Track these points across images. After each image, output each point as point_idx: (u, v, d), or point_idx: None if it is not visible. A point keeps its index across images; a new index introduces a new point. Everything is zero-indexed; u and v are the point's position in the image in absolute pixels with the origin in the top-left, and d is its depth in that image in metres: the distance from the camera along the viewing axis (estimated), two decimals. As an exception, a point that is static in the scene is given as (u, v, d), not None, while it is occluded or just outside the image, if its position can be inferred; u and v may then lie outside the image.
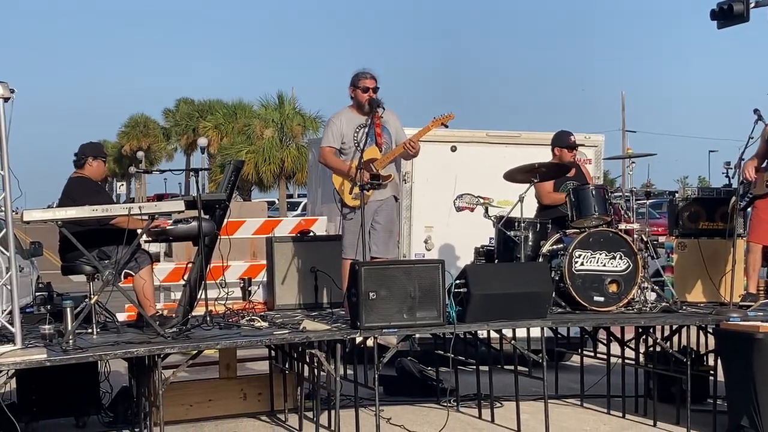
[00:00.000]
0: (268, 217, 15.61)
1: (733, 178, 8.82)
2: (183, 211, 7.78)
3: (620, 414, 8.92)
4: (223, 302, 8.57)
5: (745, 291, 8.86)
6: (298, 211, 36.69)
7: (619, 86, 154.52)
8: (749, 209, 9.01)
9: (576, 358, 10.08)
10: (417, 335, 8.82)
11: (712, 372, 8.75)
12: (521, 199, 8.64)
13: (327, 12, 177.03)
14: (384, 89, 8.49)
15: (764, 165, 8.80)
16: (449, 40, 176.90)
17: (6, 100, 6.70)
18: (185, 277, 8.28)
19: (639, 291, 8.67)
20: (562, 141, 9.62)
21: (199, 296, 8.04)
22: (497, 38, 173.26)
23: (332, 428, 7.79)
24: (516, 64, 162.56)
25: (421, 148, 8.63)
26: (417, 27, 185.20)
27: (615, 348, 9.18)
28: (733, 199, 9.01)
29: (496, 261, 8.91)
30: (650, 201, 22.92)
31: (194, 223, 7.87)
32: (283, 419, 8.74)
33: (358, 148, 8.27)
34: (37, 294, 8.94)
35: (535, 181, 8.94)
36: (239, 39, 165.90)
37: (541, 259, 8.71)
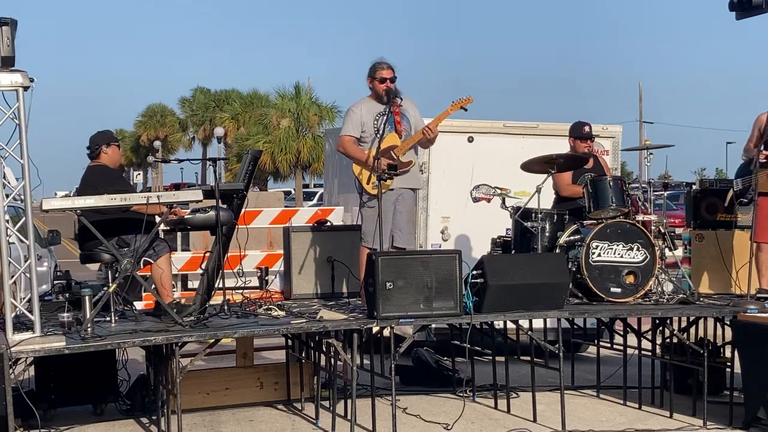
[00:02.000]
0: (285, 207, 15.64)
1: (753, 166, 8.77)
2: (201, 201, 7.81)
3: (636, 405, 8.92)
4: (241, 291, 8.59)
5: (758, 288, 8.80)
6: (314, 201, 36.74)
7: (636, 77, 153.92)
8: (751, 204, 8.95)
9: (592, 349, 10.09)
10: (433, 325, 8.85)
11: (728, 364, 8.74)
12: (538, 190, 8.63)
13: (344, 2, 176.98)
14: (401, 80, 8.51)
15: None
16: (469, 30, 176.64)
17: (26, 89, 6.73)
18: (203, 266, 8.31)
19: (656, 282, 8.66)
20: (576, 131, 9.61)
21: (216, 285, 8.07)
22: (515, 29, 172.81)
23: (348, 417, 7.81)
24: (533, 55, 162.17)
25: (438, 138, 8.64)
26: (436, 18, 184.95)
27: (632, 339, 9.17)
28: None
29: (513, 252, 8.91)
30: (667, 192, 22.85)
31: (212, 213, 7.90)
32: (300, 408, 8.77)
33: (377, 136, 8.27)
34: (55, 282, 8.98)
35: (553, 172, 8.92)
36: (255, 28, 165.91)
37: (558, 250, 8.71)
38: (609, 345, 9.64)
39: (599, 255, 8.52)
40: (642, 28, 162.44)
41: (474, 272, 7.80)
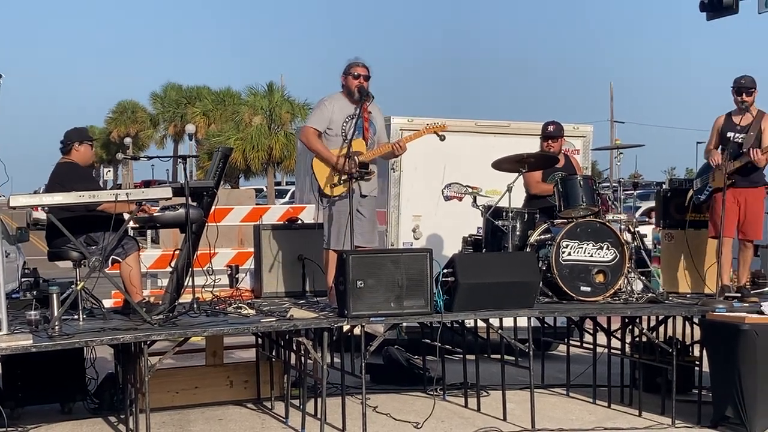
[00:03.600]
0: (256, 204, 15.59)
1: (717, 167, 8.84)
2: (171, 198, 7.76)
3: (606, 404, 8.95)
4: (210, 289, 8.55)
5: (721, 285, 8.84)
6: (286, 199, 36.64)
7: (607, 77, 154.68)
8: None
9: (562, 347, 10.11)
10: (404, 324, 8.85)
11: (697, 362, 8.79)
12: (509, 189, 8.65)
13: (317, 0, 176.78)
14: (373, 78, 8.49)
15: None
16: (440, 29, 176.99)
17: (-6, 85, 6.67)
18: (172, 264, 8.26)
19: (626, 281, 8.69)
20: (541, 132, 9.66)
21: (186, 283, 8.02)
22: (486, 28, 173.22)
23: (318, 416, 7.79)
24: (505, 55, 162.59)
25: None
26: (407, 16, 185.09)
27: (601, 338, 9.21)
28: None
29: (484, 250, 8.92)
30: (637, 192, 23.00)
31: (182, 210, 7.85)
32: (270, 407, 8.74)
33: (345, 139, 8.23)
34: (23, 279, 8.90)
35: (524, 171, 8.95)
36: (228, 26, 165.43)
37: (528, 249, 8.72)
38: (579, 344, 9.68)
39: (569, 254, 8.55)
40: (613, 28, 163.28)
41: (445, 271, 7.80)
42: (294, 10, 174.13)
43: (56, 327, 6.98)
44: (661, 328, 8.97)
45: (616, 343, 9.14)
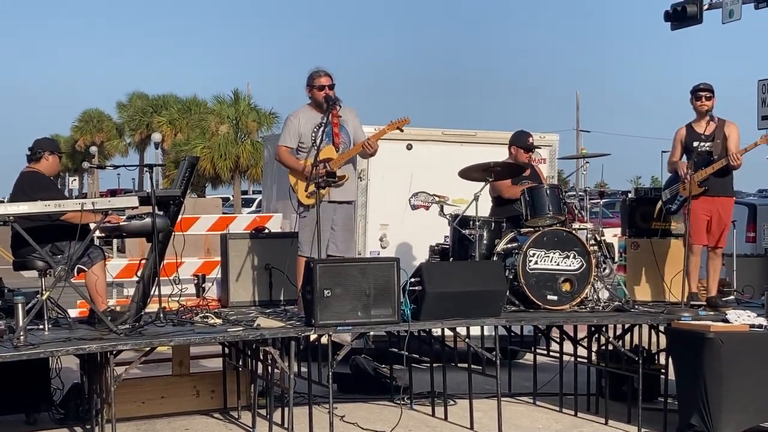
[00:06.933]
0: (223, 213, 15.55)
1: (685, 176, 8.91)
2: (137, 207, 7.73)
3: (572, 412, 8.99)
4: (177, 299, 8.52)
5: (689, 293, 8.90)
6: (253, 208, 36.54)
7: (573, 86, 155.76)
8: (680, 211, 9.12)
9: (529, 356, 10.14)
10: (371, 333, 8.84)
11: (663, 371, 8.84)
12: (476, 198, 8.68)
13: (282, 8, 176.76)
14: (339, 85, 8.50)
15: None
16: (404, 38, 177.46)
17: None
18: (138, 274, 8.21)
19: (592, 290, 8.73)
20: (520, 141, 9.66)
21: (152, 293, 7.98)
22: (451, 38, 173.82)
23: (285, 426, 7.77)
24: (471, 64, 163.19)
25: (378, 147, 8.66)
26: (373, 23, 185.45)
27: (568, 346, 9.24)
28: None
29: (451, 259, 8.94)
30: (603, 201, 23.17)
31: (148, 219, 7.82)
32: (237, 417, 8.71)
33: (314, 147, 8.25)
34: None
35: (490, 179, 8.98)
36: (193, 33, 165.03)
37: (495, 258, 8.75)
38: (545, 352, 9.70)
39: (536, 263, 8.58)
40: (579, 37, 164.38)
41: (412, 280, 7.81)
42: (260, 17, 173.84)
43: (21, 337, 6.91)
44: (627, 337, 9.02)
45: (582, 351, 9.18)
